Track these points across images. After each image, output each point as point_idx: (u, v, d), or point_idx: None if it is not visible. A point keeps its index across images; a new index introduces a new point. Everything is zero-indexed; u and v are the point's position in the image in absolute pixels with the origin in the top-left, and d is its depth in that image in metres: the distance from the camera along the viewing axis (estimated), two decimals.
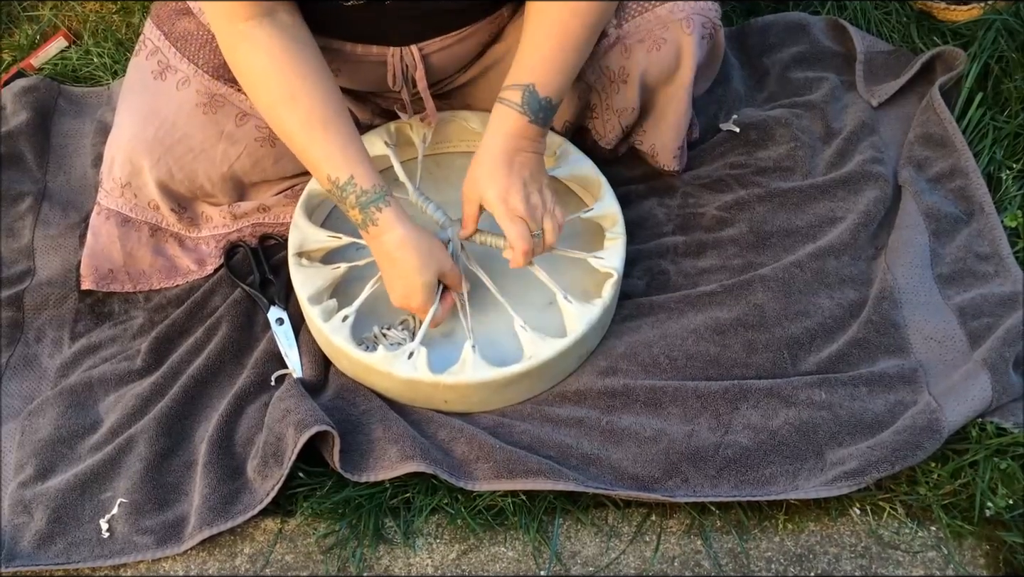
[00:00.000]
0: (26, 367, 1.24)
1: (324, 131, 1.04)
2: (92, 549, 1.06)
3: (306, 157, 1.06)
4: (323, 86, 1.05)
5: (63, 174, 1.44)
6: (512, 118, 1.06)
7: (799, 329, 1.16)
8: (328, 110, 1.04)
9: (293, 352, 1.19)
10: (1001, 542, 1.02)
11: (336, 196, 1.06)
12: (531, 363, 1.08)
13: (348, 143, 1.05)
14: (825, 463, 1.06)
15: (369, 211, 1.05)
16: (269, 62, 1.03)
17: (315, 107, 1.04)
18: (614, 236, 1.18)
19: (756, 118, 1.38)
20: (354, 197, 1.05)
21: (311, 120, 1.03)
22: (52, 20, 1.67)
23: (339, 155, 1.04)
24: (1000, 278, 1.19)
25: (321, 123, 1.04)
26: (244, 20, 1.02)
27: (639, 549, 1.04)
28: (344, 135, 1.05)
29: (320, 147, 1.04)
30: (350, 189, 1.04)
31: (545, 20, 1.05)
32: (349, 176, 1.04)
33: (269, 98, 1.05)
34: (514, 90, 1.06)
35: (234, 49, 1.05)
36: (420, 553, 1.05)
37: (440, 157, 1.33)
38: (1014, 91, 1.36)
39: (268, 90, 1.04)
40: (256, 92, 1.06)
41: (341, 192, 1.05)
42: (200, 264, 1.29)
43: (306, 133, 1.04)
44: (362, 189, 1.04)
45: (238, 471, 1.10)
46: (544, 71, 1.05)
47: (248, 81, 1.06)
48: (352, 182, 1.04)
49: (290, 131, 1.05)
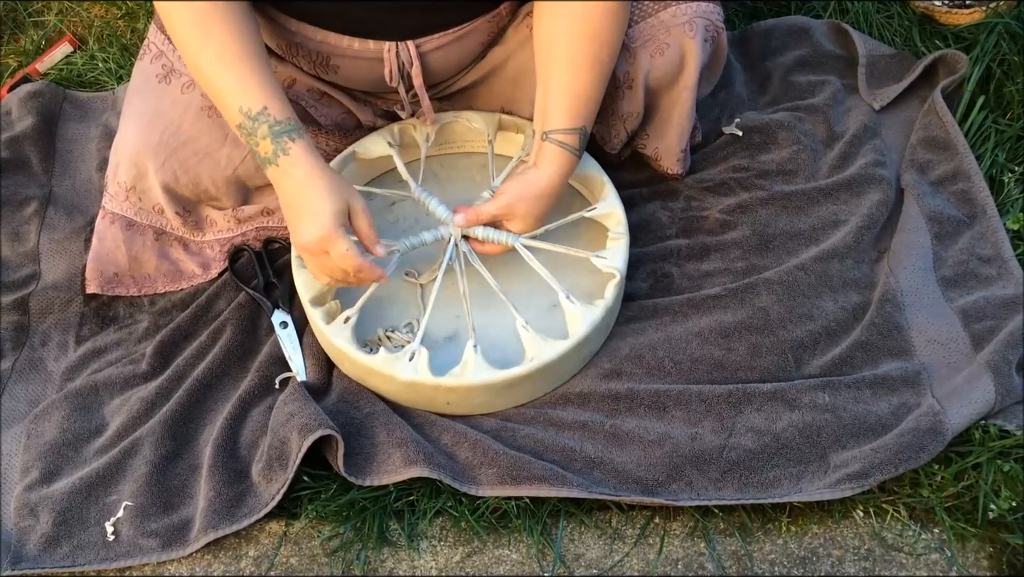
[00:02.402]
0: (32, 371, 1.25)
1: (238, 64, 1.03)
2: (97, 552, 1.06)
3: (219, 92, 1.04)
4: (239, 25, 1.03)
5: (68, 178, 1.44)
6: (569, 161, 1.12)
7: (803, 332, 1.16)
8: (243, 46, 1.03)
9: (297, 355, 1.19)
10: (1004, 544, 1.02)
11: (247, 129, 1.04)
12: (533, 365, 1.08)
13: (264, 77, 1.04)
14: (828, 466, 1.06)
15: (281, 140, 1.03)
16: (190, 5, 1.02)
17: (229, 42, 1.02)
18: (617, 236, 1.18)
19: (759, 121, 1.39)
20: (267, 127, 1.03)
21: (224, 54, 1.02)
22: (57, 25, 1.68)
23: (254, 87, 1.03)
24: (1003, 281, 1.19)
25: (235, 56, 1.03)
26: None
27: (643, 552, 1.05)
28: (259, 69, 1.04)
29: (233, 79, 1.03)
30: (263, 119, 1.02)
31: (578, 56, 1.08)
32: (263, 107, 1.03)
33: (187, 36, 1.03)
34: (571, 134, 1.10)
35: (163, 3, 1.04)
36: (424, 556, 1.06)
37: (444, 158, 1.34)
38: (1016, 94, 1.36)
39: (187, 29, 1.03)
40: (175, 31, 1.04)
41: (253, 123, 1.03)
42: (204, 268, 1.30)
43: (219, 67, 1.03)
44: (275, 119, 1.03)
45: (243, 474, 1.10)
46: (590, 111, 1.12)
47: (169, 23, 1.04)
48: (266, 112, 1.03)
49: (204, 67, 1.03)
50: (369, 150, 1.26)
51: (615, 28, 1.08)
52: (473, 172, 1.32)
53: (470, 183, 1.31)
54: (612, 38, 1.08)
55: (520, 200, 1.12)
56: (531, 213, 1.13)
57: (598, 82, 1.10)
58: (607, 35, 1.07)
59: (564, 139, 1.10)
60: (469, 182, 1.31)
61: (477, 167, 1.32)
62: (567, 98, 1.09)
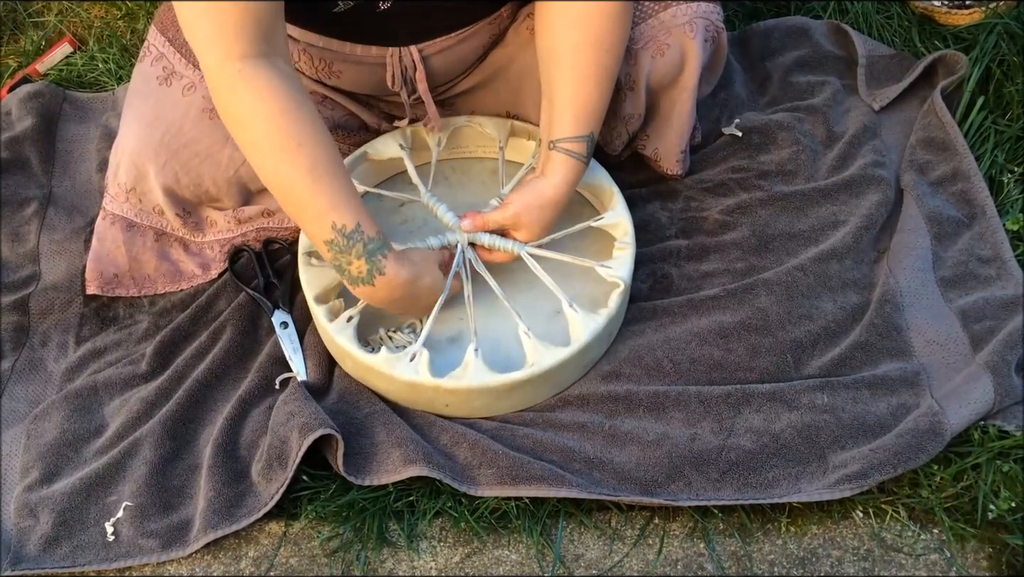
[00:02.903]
0: (31, 371, 1.25)
1: (332, 179, 0.99)
2: (97, 552, 1.07)
3: (308, 206, 1.00)
4: (325, 134, 1.00)
5: (68, 179, 1.44)
6: (577, 169, 1.11)
7: (802, 333, 1.16)
8: (332, 158, 1.00)
9: (297, 355, 1.19)
10: (1003, 545, 1.02)
11: (339, 246, 1.01)
12: (533, 371, 1.08)
13: (352, 192, 1.02)
14: (828, 466, 1.06)
15: (376, 259, 1.02)
16: (271, 105, 0.96)
17: (320, 155, 0.99)
18: (623, 246, 1.18)
19: (758, 122, 1.39)
20: (361, 245, 1.01)
21: (317, 168, 0.98)
22: (57, 26, 1.68)
23: (345, 203, 1.00)
24: (1002, 281, 1.20)
25: (328, 171, 0.99)
26: (240, 58, 0.95)
27: (642, 552, 1.05)
28: (348, 184, 1.02)
29: (327, 195, 0.99)
30: (357, 237, 1.00)
31: (583, 63, 1.07)
32: (356, 224, 1.00)
33: (270, 144, 0.98)
34: (578, 142, 1.09)
35: (230, 91, 0.97)
36: (424, 556, 1.06)
37: (455, 162, 1.34)
38: (1015, 95, 1.36)
39: (270, 135, 0.97)
40: (254, 138, 0.98)
41: (347, 241, 1.00)
42: (205, 268, 1.30)
43: (313, 181, 0.98)
44: (369, 236, 1.01)
45: (242, 474, 1.10)
46: (597, 118, 1.11)
47: (245, 125, 0.99)
48: (360, 230, 1.01)
49: (292, 179, 0.99)
50: (380, 151, 1.26)
51: (619, 34, 1.07)
52: (484, 177, 1.32)
53: (480, 188, 1.31)
54: (616, 44, 1.08)
55: (527, 210, 1.12)
56: (538, 222, 1.13)
57: (604, 88, 1.10)
58: (611, 41, 1.07)
59: (571, 147, 1.10)
60: (479, 187, 1.31)
61: (488, 172, 1.33)
62: (573, 106, 1.09)
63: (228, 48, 0.95)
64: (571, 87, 1.08)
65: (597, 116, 1.11)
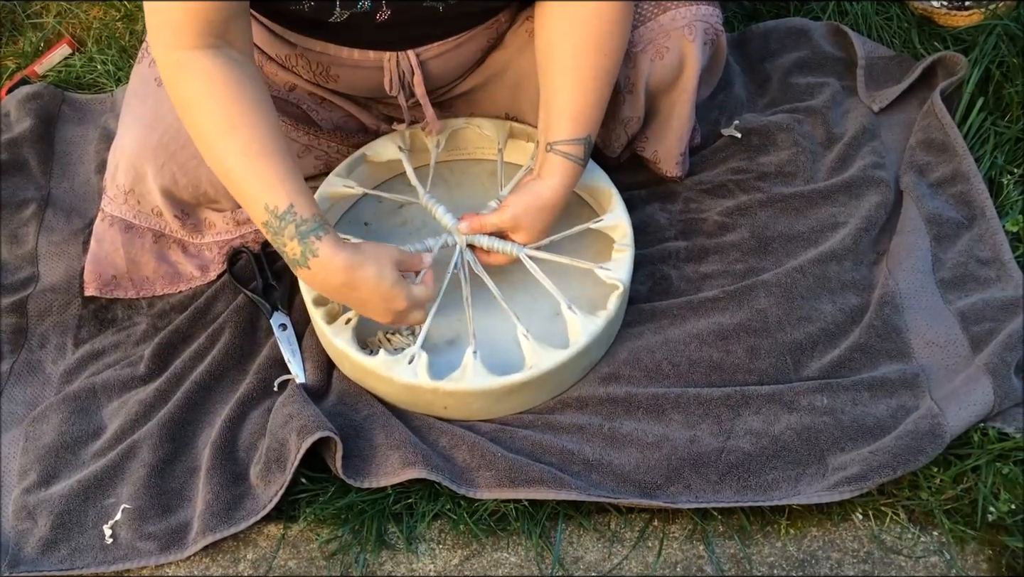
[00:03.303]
0: (30, 373, 1.25)
1: (264, 160, 0.99)
2: (96, 555, 1.06)
3: (242, 188, 1.01)
4: (263, 117, 1.00)
5: (67, 180, 1.44)
6: (574, 171, 1.11)
7: (801, 334, 1.16)
8: (268, 141, 1.00)
9: (296, 358, 1.19)
10: (1003, 547, 1.02)
11: (273, 227, 1.01)
12: (532, 373, 1.08)
13: (288, 173, 1.00)
14: (827, 468, 1.06)
15: (308, 241, 1.00)
16: (209, 90, 0.98)
17: (254, 137, 0.99)
18: (622, 248, 1.18)
19: (758, 123, 1.39)
20: (293, 227, 1.00)
21: (250, 149, 0.99)
22: (56, 27, 1.68)
23: (278, 185, 0.99)
24: (1002, 283, 1.19)
25: (260, 153, 0.99)
26: (188, 48, 0.98)
27: (641, 554, 1.05)
28: (284, 165, 1.00)
29: (259, 177, 0.99)
30: (289, 218, 0.99)
31: (583, 66, 1.07)
32: (289, 204, 0.99)
33: (206, 126, 1.00)
34: (575, 145, 1.10)
35: (173, 79, 1.00)
36: (423, 558, 1.06)
37: (454, 164, 1.34)
38: (1015, 96, 1.36)
39: (206, 118, 0.99)
40: (193, 120, 1.01)
41: (279, 222, 1.00)
42: (203, 270, 1.30)
43: (244, 163, 0.99)
44: (302, 218, 1.00)
45: (241, 477, 1.10)
46: (595, 120, 1.11)
47: (186, 109, 1.01)
48: (292, 211, 0.99)
49: (227, 161, 1.00)
50: (379, 153, 1.26)
51: (618, 37, 1.07)
52: (483, 179, 1.32)
53: (479, 189, 1.31)
54: (615, 47, 1.08)
55: (526, 212, 1.12)
56: (536, 225, 1.13)
57: (602, 92, 1.10)
58: (610, 44, 1.07)
59: (568, 150, 1.10)
60: (478, 188, 1.31)
61: (486, 174, 1.32)
62: (571, 110, 1.09)
63: (173, 40, 0.98)
64: (569, 90, 1.08)
65: (595, 119, 1.11)
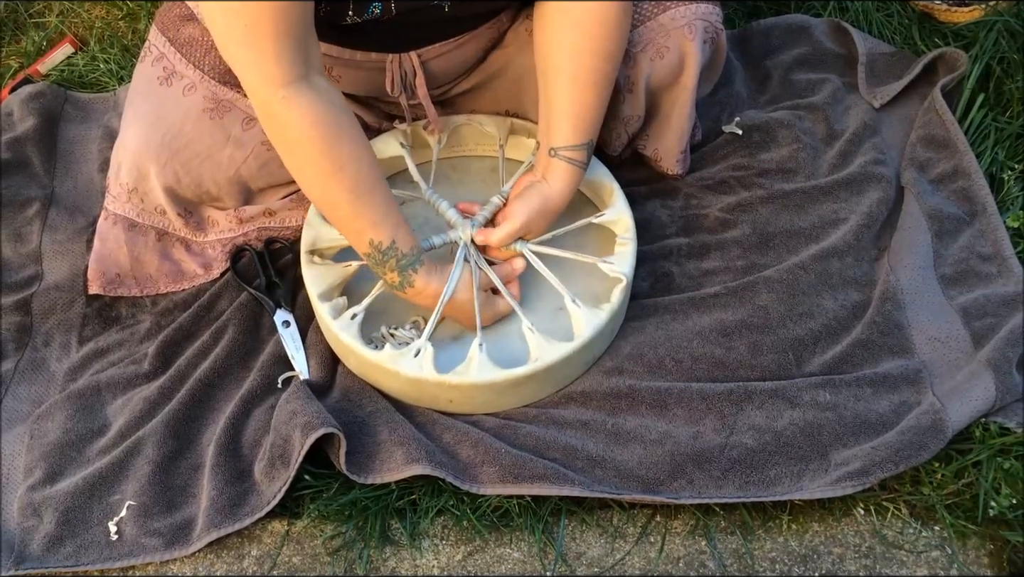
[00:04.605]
0: (34, 371, 1.25)
1: (369, 198, 1.05)
2: (101, 551, 1.07)
3: (348, 224, 1.07)
4: (365, 151, 1.05)
5: (70, 179, 1.44)
6: (578, 175, 1.14)
7: (803, 330, 1.16)
8: (370, 178, 1.05)
9: (299, 354, 1.19)
10: (1005, 542, 1.02)
11: (375, 259, 1.08)
12: (536, 366, 1.09)
13: (388, 208, 1.07)
14: (829, 464, 1.06)
15: (407, 274, 1.09)
16: (313, 132, 1.00)
17: (361, 175, 1.04)
18: (624, 241, 1.18)
19: (759, 120, 1.39)
20: (395, 261, 1.08)
21: (358, 189, 1.04)
22: (59, 27, 1.68)
23: (381, 221, 1.06)
24: (1003, 278, 1.20)
25: (367, 191, 1.05)
26: (283, 86, 0.98)
27: (644, 550, 1.05)
28: (385, 201, 1.07)
29: (364, 215, 1.06)
30: (391, 253, 1.07)
31: (581, 68, 1.08)
32: (392, 241, 1.07)
33: (314, 169, 1.03)
34: (579, 150, 1.12)
35: (274, 117, 1.00)
36: (426, 554, 1.06)
37: (456, 160, 1.34)
38: (1016, 92, 1.36)
39: (314, 161, 1.02)
40: (299, 163, 1.04)
41: (382, 256, 1.07)
42: (206, 268, 1.30)
43: (352, 200, 1.05)
44: (402, 253, 1.08)
45: (245, 473, 1.10)
46: (596, 124, 1.13)
47: (290, 151, 1.03)
48: (394, 246, 1.07)
49: (334, 199, 1.05)
50: (381, 150, 1.26)
51: (617, 41, 1.08)
52: (484, 175, 1.33)
53: (480, 185, 1.31)
54: (614, 51, 1.08)
55: (537, 217, 1.15)
56: (543, 227, 1.17)
57: (602, 95, 1.11)
58: (609, 49, 1.08)
59: (572, 155, 1.12)
60: (480, 184, 1.31)
61: (488, 170, 1.33)
62: (572, 114, 1.10)
63: (269, 75, 0.98)
64: (569, 94, 1.09)
65: (596, 122, 1.12)
